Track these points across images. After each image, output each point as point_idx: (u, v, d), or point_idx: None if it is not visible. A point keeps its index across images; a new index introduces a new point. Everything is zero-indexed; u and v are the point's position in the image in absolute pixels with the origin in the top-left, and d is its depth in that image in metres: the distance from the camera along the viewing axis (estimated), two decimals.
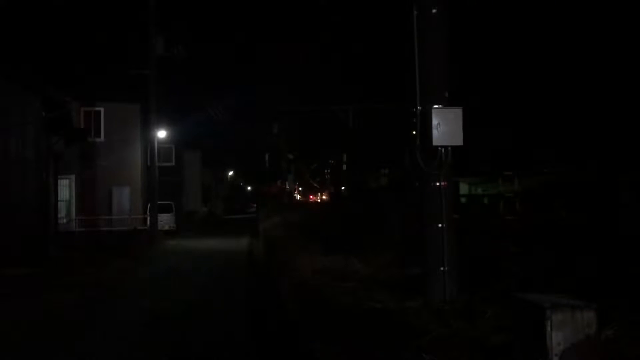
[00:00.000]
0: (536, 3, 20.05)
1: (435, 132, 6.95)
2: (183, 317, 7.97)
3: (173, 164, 32.48)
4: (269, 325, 7.36)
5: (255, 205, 62.41)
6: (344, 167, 43.37)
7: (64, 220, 22.44)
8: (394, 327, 6.03)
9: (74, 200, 23.68)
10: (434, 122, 6.95)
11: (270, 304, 8.61)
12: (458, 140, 7.03)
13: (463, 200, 29.93)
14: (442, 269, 6.99)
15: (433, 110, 7.00)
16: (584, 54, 19.05)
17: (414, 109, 7.41)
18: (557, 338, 4.18)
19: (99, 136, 24.39)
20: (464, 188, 31.79)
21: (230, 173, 64.76)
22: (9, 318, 8.14)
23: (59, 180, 19.35)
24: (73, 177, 23.35)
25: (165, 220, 26.32)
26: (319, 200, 45.65)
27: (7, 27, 19.07)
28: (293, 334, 6.62)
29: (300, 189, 65.71)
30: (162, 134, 26.17)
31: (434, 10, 7.26)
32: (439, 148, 7.04)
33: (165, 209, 26.38)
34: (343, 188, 45.97)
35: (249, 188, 79.49)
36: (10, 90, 14.02)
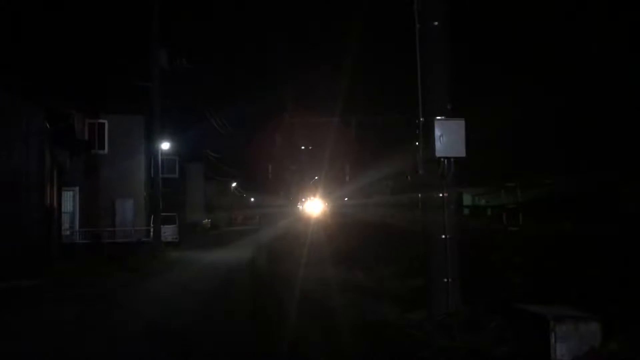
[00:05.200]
0: (539, 10, 20.11)
1: (438, 144, 6.93)
2: (183, 330, 7.91)
3: (176, 175, 32.51)
4: (271, 338, 7.30)
5: (258, 216, 62.43)
6: (347, 178, 43.27)
7: (68, 232, 22.43)
8: (396, 339, 6.00)
9: (77, 212, 23.68)
10: (437, 133, 6.93)
11: (272, 317, 8.56)
12: (461, 152, 7.01)
13: (466, 211, 29.85)
14: (445, 280, 6.96)
15: (435, 122, 6.99)
16: (585, 60, 19.06)
17: (417, 120, 7.42)
18: (561, 350, 4.17)
19: (103, 148, 24.43)
20: (467, 199, 31.72)
21: (234, 184, 64.77)
22: (7, 329, 8.13)
23: (62, 192, 19.39)
24: (77, 189, 23.36)
25: (169, 232, 26.24)
26: (321, 211, 45.54)
27: (11, 38, 19.22)
28: (294, 346, 6.57)
29: (302, 200, 65.71)
30: (165, 145, 26.19)
31: (435, 23, 7.31)
32: (442, 159, 7.03)
33: (169, 221, 26.34)
34: (347, 199, 45.87)
35: (252, 199, 79.46)
36: (13, 101, 14.10)
